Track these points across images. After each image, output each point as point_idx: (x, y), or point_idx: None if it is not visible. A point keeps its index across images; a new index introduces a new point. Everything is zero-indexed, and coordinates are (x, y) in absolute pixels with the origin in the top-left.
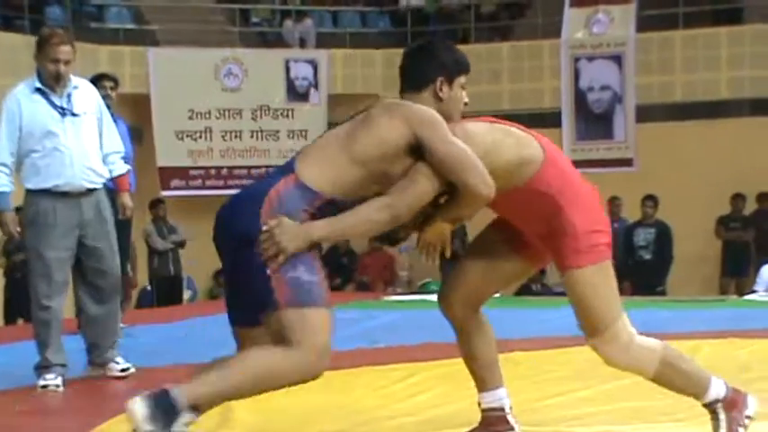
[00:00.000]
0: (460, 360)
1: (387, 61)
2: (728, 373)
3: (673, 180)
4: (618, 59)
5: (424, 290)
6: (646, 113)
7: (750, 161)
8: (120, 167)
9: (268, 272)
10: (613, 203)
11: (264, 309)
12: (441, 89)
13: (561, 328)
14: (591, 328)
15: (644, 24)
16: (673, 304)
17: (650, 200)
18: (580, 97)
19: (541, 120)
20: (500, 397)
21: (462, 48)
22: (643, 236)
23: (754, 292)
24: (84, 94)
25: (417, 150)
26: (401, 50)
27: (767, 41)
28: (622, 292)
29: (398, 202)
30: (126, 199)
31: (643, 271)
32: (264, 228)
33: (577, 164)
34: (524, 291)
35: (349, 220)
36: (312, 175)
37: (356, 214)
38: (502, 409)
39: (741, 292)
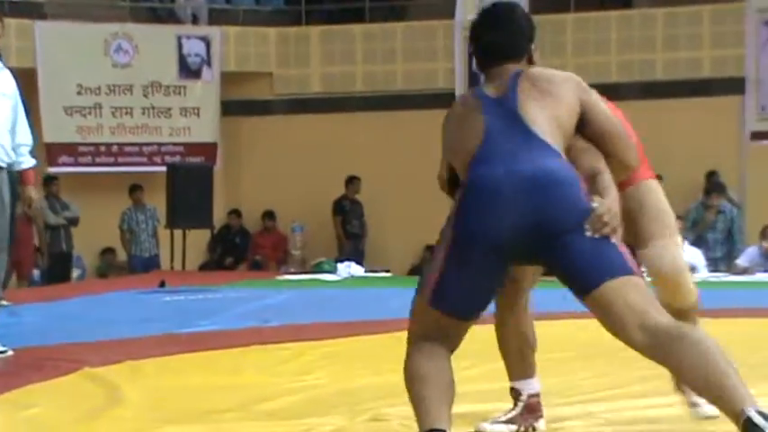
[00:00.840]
0: (349, 339)
1: (280, 39)
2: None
3: None
4: None
5: (317, 269)
6: None
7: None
8: (29, 161)
9: (614, 241)
10: None
11: (609, 278)
12: (535, 54)
13: None
14: (668, 229)
15: (536, 7)
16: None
17: None
18: (474, 79)
19: (435, 100)
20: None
21: (357, 27)
22: None
23: None
24: (3, 78)
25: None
26: (294, 28)
27: (655, 25)
28: None
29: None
30: (31, 192)
31: None
32: (594, 207)
33: None
34: (418, 271)
35: (617, 202)
36: (562, 152)
37: (614, 192)
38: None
39: None
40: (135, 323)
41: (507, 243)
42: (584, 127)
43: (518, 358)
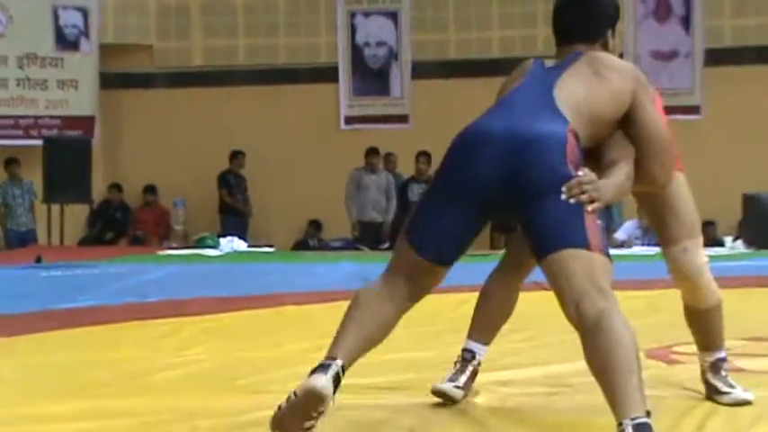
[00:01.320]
0: (230, 314)
1: (160, 11)
2: None
3: (446, 137)
4: (394, 16)
5: (199, 244)
6: (421, 70)
7: None
8: None
9: (589, 209)
10: (388, 159)
11: (562, 246)
12: (611, 40)
13: (335, 282)
14: (690, 230)
15: None
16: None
17: (424, 156)
18: (357, 53)
19: (318, 75)
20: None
21: (239, 0)
22: (417, 191)
23: None
24: None
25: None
26: (174, 0)
27: (536, 1)
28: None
29: (631, 175)
30: None
31: None
32: (578, 175)
33: (354, 120)
34: (301, 246)
35: (614, 186)
36: (579, 130)
37: (617, 179)
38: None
39: None
40: (8, 299)
41: (483, 193)
42: (629, 125)
43: (488, 324)
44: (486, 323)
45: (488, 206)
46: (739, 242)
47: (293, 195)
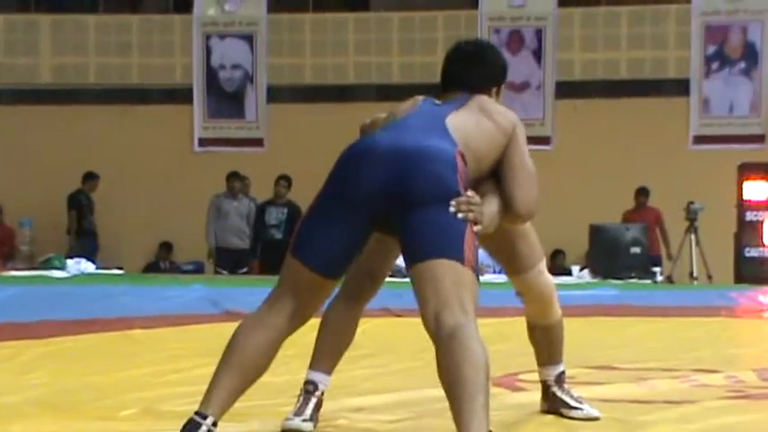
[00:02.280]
0: (73, 338)
1: (7, 26)
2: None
3: (301, 161)
4: (250, 39)
5: (45, 265)
6: (277, 94)
7: None
8: None
9: (473, 228)
10: (243, 183)
11: (437, 256)
12: (494, 97)
13: (185, 305)
14: (540, 253)
15: (275, 6)
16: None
17: (284, 180)
18: (212, 75)
19: (172, 96)
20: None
21: (90, 18)
22: (275, 215)
23: None
24: None
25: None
26: (23, 15)
27: (391, 29)
28: (252, 271)
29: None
30: None
31: (274, 250)
32: (467, 195)
33: (208, 142)
34: (152, 268)
35: (490, 214)
36: (467, 157)
37: (492, 208)
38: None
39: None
40: None
41: (367, 202)
42: (503, 159)
43: (329, 353)
44: (327, 353)
45: (374, 216)
46: (586, 271)
47: (145, 217)
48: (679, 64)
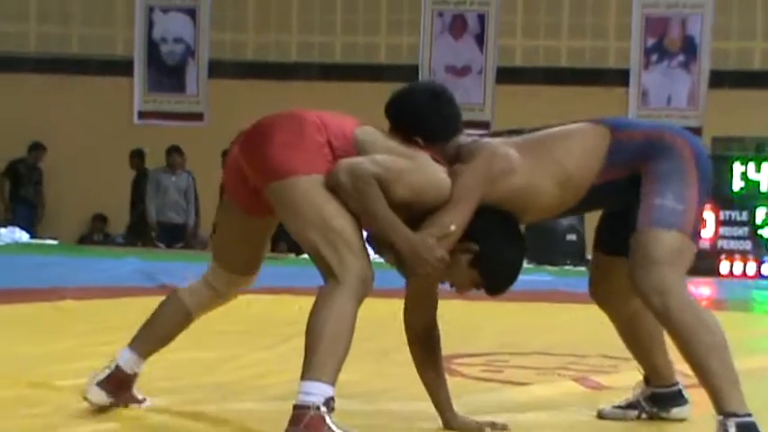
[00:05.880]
0: (3, 307)
1: None
2: (277, 326)
3: None
4: (192, 13)
5: None
6: (218, 69)
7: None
8: None
9: None
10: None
11: None
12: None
13: (119, 277)
14: None
15: None
16: None
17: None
18: (153, 48)
19: (112, 67)
20: None
21: None
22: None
23: None
24: None
25: None
26: None
27: (335, 9)
28: (189, 246)
29: None
30: None
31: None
32: None
33: (148, 115)
34: (86, 240)
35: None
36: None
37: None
38: None
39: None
40: None
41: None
42: None
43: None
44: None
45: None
46: None
47: (82, 188)
48: (619, 54)
